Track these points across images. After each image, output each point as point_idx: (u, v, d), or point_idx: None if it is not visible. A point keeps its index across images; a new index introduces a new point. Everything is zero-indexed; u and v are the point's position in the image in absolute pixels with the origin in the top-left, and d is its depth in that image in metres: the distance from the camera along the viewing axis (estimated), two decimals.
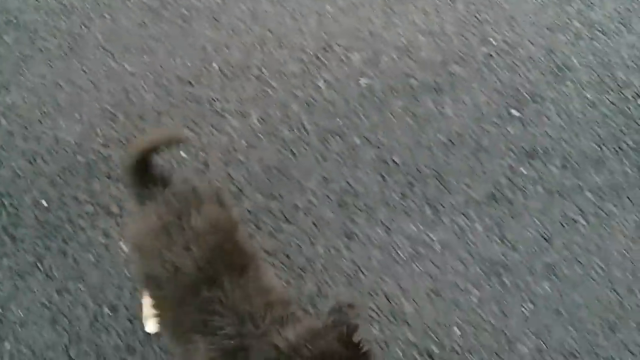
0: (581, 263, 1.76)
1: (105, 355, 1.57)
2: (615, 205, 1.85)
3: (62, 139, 1.87)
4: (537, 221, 1.82)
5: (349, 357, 1.06)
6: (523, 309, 1.70)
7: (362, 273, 1.73)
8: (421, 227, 1.80)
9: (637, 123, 1.99)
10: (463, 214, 1.83)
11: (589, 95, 2.03)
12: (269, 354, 1.08)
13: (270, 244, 1.76)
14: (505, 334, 1.65)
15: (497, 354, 1.63)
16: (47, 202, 1.78)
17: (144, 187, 1.31)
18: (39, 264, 1.69)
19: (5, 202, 1.78)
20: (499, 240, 1.79)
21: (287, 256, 1.74)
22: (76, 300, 1.65)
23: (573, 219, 1.83)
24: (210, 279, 1.18)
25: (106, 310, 1.63)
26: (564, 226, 1.82)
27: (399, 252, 1.77)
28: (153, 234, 1.25)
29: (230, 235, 1.28)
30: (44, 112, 1.91)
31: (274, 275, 1.35)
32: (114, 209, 1.77)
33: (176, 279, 1.20)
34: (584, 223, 1.83)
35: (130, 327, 1.61)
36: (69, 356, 1.57)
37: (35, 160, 1.84)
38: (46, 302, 1.64)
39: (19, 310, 1.63)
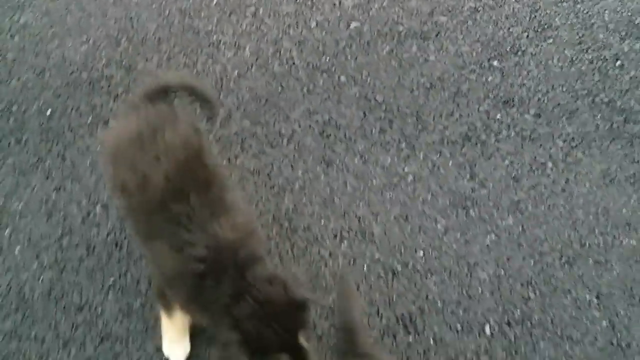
0: (546, 203, 1.86)
1: (94, 248, 1.71)
2: (584, 154, 1.94)
3: (69, 57, 2.01)
4: (507, 162, 1.92)
5: (285, 309, 1.18)
6: (486, 240, 1.79)
7: (337, 196, 1.84)
8: (396, 160, 1.91)
9: (612, 81, 2.07)
10: (437, 151, 1.93)
11: (568, 53, 2.12)
12: (238, 285, 1.20)
13: (254, 164, 1.88)
14: (467, 260, 1.76)
15: (457, 276, 1.73)
16: (51, 112, 1.93)
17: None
18: (39, 165, 1.84)
19: (14, 109, 1.93)
20: (469, 177, 1.89)
21: (268, 176, 1.86)
22: (71, 199, 1.78)
23: (542, 163, 1.93)
24: (177, 192, 1.25)
25: (98, 209, 1.77)
26: (532, 169, 1.91)
27: (373, 180, 1.88)
28: (127, 144, 1.33)
29: (199, 154, 1.34)
30: (54, 33, 2.05)
31: (238, 195, 1.43)
32: (112, 121, 1.91)
33: (145, 188, 1.27)
34: (552, 167, 1.92)
35: (119, 225, 1.74)
36: (61, 246, 1.71)
37: (43, 74, 1.99)
38: (44, 198, 1.78)
39: (19, 204, 1.77)
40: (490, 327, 1.65)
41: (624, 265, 1.75)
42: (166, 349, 1.51)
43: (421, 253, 1.77)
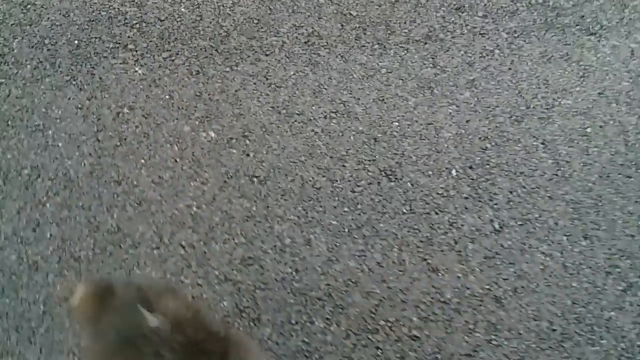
0: (496, 79, 2.24)
1: (125, 138, 2.05)
2: (524, 41, 2.34)
3: (89, 0, 2.39)
4: (462, 52, 2.31)
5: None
6: (448, 110, 2.17)
7: (324, 88, 2.21)
8: (371, 57, 2.29)
9: None
10: (405, 49, 2.32)
11: None
12: None
13: (252, 69, 2.25)
14: (434, 125, 2.12)
15: (426, 137, 2.10)
16: (78, 42, 2.29)
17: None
18: (72, 81, 2.19)
19: (46, 42, 2.29)
20: (431, 65, 2.28)
21: (265, 77, 2.23)
22: (102, 104, 2.13)
23: (490, 51, 2.32)
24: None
25: (126, 109, 2.12)
26: (483, 55, 2.30)
27: (353, 74, 2.26)
28: (112, 353, 1.12)
29: (198, 323, 1.17)
30: None
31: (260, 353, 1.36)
32: (130, 45, 2.28)
33: None
34: (500, 53, 2.31)
35: (144, 120, 2.09)
36: (97, 139, 2.05)
37: (68, 14, 2.36)
38: (79, 105, 2.13)
39: (58, 111, 2.12)
40: (456, 171, 2.02)
41: (563, 118, 2.13)
42: None
43: (396, 124, 2.13)
